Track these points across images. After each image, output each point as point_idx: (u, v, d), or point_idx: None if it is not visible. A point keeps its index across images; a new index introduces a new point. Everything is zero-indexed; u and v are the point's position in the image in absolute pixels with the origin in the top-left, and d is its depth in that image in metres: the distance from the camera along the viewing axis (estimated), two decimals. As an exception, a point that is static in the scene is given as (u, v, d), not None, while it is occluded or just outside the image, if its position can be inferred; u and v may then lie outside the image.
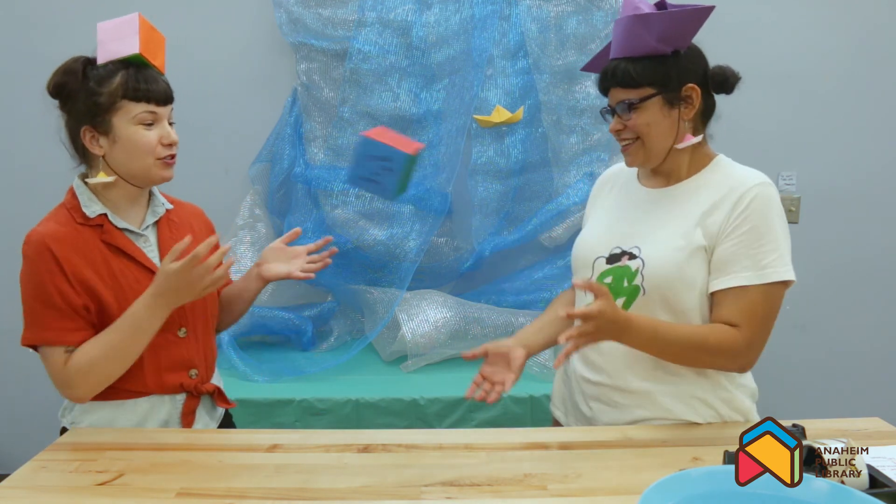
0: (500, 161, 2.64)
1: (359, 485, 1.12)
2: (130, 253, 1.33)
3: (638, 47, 1.27)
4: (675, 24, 1.25)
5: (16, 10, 2.72)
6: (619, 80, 1.29)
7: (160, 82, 1.32)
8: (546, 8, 2.63)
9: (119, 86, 1.27)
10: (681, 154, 1.34)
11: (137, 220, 1.38)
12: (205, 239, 1.48)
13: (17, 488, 1.12)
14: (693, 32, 1.28)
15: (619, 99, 1.30)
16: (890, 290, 2.96)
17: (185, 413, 1.40)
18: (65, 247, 1.26)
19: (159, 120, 1.32)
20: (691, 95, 1.29)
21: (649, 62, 1.27)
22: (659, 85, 1.28)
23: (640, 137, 1.31)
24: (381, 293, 2.55)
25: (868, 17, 2.80)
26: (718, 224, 1.27)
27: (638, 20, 1.25)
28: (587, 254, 1.42)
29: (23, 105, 2.67)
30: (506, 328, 2.51)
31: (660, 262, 1.29)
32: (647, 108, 1.29)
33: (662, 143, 1.31)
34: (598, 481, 1.12)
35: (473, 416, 2.20)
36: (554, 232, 2.68)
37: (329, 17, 2.63)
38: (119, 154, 1.30)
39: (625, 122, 1.31)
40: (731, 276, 1.25)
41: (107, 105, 1.27)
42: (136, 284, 1.31)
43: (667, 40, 1.26)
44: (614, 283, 1.34)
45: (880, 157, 2.88)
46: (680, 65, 1.28)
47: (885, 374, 2.99)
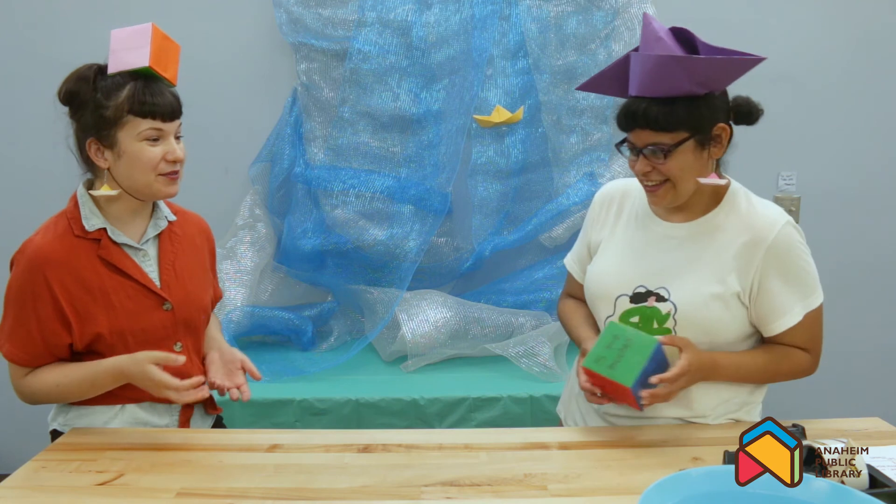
0: (500, 161, 2.64)
1: (359, 485, 1.12)
2: (126, 270, 1.32)
3: (671, 89, 1.19)
4: (721, 71, 1.20)
5: (16, 11, 2.72)
6: (651, 123, 1.22)
7: (168, 96, 1.29)
8: (546, 8, 2.63)
9: (125, 100, 1.25)
10: (701, 189, 1.30)
11: (138, 234, 1.37)
12: (204, 254, 1.49)
13: (17, 488, 1.13)
14: (734, 79, 1.23)
15: (649, 142, 1.24)
16: (890, 290, 2.96)
17: (182, 422, 1.41)
18: (58, 267, 1.26)
19: (165, 136, 1.30)
20: (721, 135, 1.26)
21: (683, 105, 1.20)
22: (693, 129, 1.22)
23: (669, 180, 1.26)
24: (381, 293, 2.55)
25: (868, 17, 2.80)
26: (753, 274, 1.28)
27: (676, 62, 1.17)
28: (607, 290, 1.38)
29: (23, 105, 2.67)
30: (506, 328, 2.51)
31: (693, 308, 1.29)
32: (682, 153, 1.23)
33: (692, 186, 1.28)
34: (598, 481, 1.12)
35: (473, 416, 2.20)
36: (554, 232, 2.67)
37: (329, 17, 2.62)
38: (123, 168, 1.29)
39: (655, 164, 1.25)
40: (788, 316, 1.30)
41: (113, 119, 1.25)
42: (127, 302, 1.31)
43: (705, 84, 1.20)
44: (641, 323, 1.33)
45: (880, 157, 2.88)
46: (711, 105, 1.23)
47: (885, 374, 2.99)
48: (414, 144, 2.65)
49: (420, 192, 2.59)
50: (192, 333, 1.42)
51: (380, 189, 2.58)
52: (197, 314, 1.42)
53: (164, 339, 1.34)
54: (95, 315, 1.28)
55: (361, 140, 2.64)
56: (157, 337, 1.33)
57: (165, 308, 1.35)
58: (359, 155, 2.65)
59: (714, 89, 1.23)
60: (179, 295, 1.37)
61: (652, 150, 1.24)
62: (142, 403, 1.37)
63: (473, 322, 2.47)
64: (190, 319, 1.39)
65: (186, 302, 1.38)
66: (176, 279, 1.38)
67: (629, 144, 1.29)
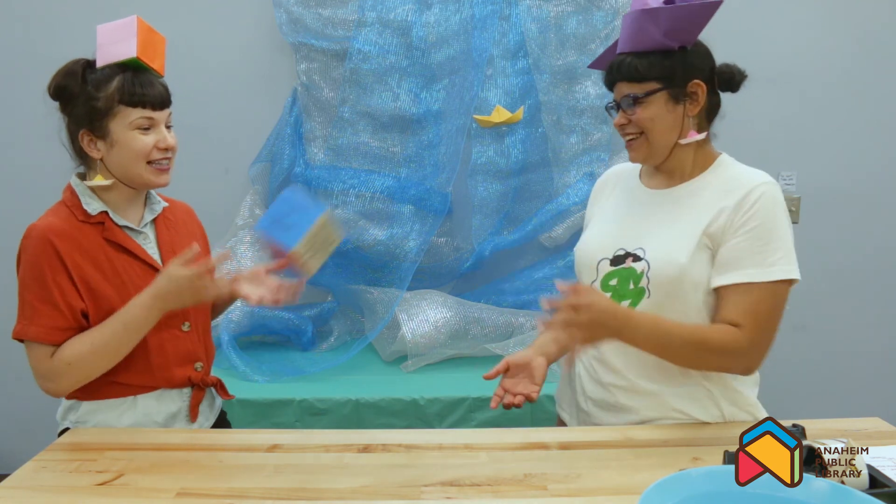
0: (500, 161, 2.64)
1: (359, 485, 1.12)
2: (132, 250, 1.34)
3: (644, 42, 1.27)
4: (683, 19, 1.25)
5: (16, 11, 2.72)
6: (625, 74, 1.29)
7: (157, 86, 1.32)
8: (546, 8, 2.63)
9: (116, 90, 1.27)
10: (684, 152, 1.33)
11: (136, 218, 1.40)
12: (199, 238, 1.51)
13: (17, 488, 1.12)
14: (700, 28, 1.28)
15: (625, 93, 1.30)
16: (890, 289, 2.96)
17: (193, 406, 1.43)
18: (67, 243, 1.27)
19: (156, 125, 1.32)
20: (696, 92, 1.29)
21: (655, 57, 1.27)
22: (664, 80, 1.28)
23: (644, 132, 1.31)
24: (381, 293, 2.55)
25: (868, 17, 2.80)
26: (723, 222, 1.26)
27: (645, 14, 1.25)
28: (590, 256, 1.41)
29: (22, 105, 2.67)
30: (506, 328, 2.51)
31: (664, 264, 1.28)
32: (652, 103, 1.28)
33: (666, 139, 1.31)
34: (598, 481, 1.12)
35: (473, 416, 2.20)
36: (554, 232, 2.68)
37: (329, 17, 2.63)
38: (116, 158, 1.31)
39: (629, 116, 1.31)
40: (737, 272, 1.24)
41: (104, 110, 1.28)
42: (138, 280, 1.33)
43: (674, 35, 1.26)
44: (619, 285, 1.34)
45: (880, 157, 2.88)
46: (686, 61, 1.28)
47: (885, 374, 2.99)
48: (414, 144, 2.65)
49: (420, 192, 2.59)
50: (198, 313, 1.44)
51: (380, 189, 2.58)
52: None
53: (173, 318, 1.37)
54: (107, 292, 1.29)
55: (361, 140, 2.64)
56: (166, 315, 1.35)
57: None
58: (359, 155, 2.65)
59: (684, 42, 1.28)
60: None
61: (626, 100, 1.30)
62: (153, 392, 1.38)
63: (473, 322, 2.47)
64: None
65: None
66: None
67: (613, 103, 1.35)
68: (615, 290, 1.34)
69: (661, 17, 1.24)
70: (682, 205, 1.33)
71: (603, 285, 1.37)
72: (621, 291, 1.33)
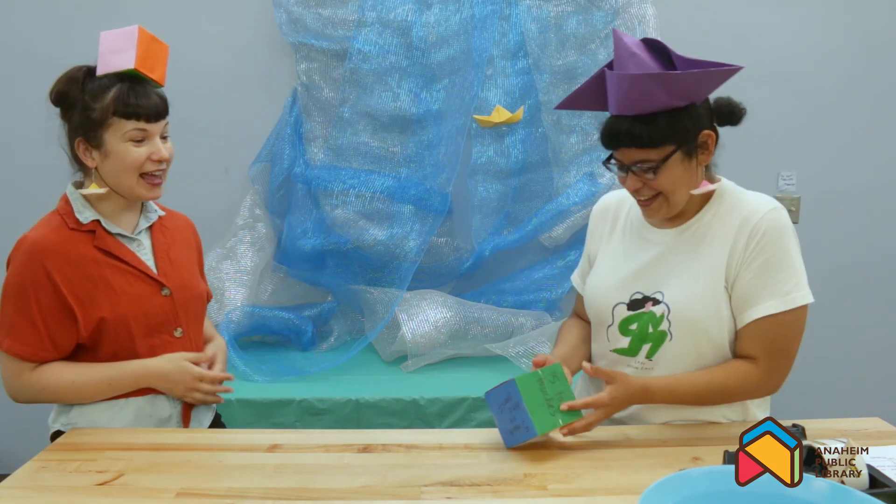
0: (500, 161, 2.64)
1: (359, 485, 1.12)
2: (124, 257, 1.35)
3: (651, 105, 1.18)
4: (697, 84, 1.19)
5: (16, 11, 2.72)
6: (636, 141, 1.21)
7: (153, 98, 1.32)
8: (546, 8, 2.63)
9: (111, 102, 1.28)
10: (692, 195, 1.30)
11: (131, 226, 1.40)
12: (195, 251, 1.53)
13: (17, 488, 1.13)
14: (713, 89, 1.23)
15: (636, 159, 1.23)
16: (890, 290, 2.96)
17: (185, 411, 1.42)
18: (55, 258, 1.28)
19: (150, 136, 1.32)
20: (707, 142, 1.26)
21: (665, 120, 1.20)
22: (678, 141, 1.22)
23: (661, 194, 1.27)
24: (381, 293, 2.55)
25: (868, 17, 2.80)
26: (736, 259, 1.26)
27: (652, 80, 1.16)
28: (605, 301, 1.39)
29: (22, 105, 2.66)
30: (506, 328, 2.51)
31: (685, 306, 1.28)
32: (670, 166, 1.23)
33: (685, 196, 1.28)
34: (598, 481, 1.12)
35: (473, 416, 2.20)
36: (554, 232, 2.67)
37: (329, 17, 2.62)
38: (109, 168, 1.32)
39: (644, 180, 1.26)
40: (755, 307, 1.25)
41: (99, 120, 1.29)
42: (128, 287, 1.33)
43: (684, 97, 1.20)
44: (639, 329, 1.33)
45: (880, 157, 2.88)
46: (694, 115, 1.22)
47: (885, 374, 2.99)
48: (414, 144, 2.65)
49: (420, 192, 2.59)
50: (191, 320, 1.44)
51: (380, 189, 2.58)
52: (194, 301, 1.45)
53: (165, 324, 1.38)
54: (98, 300, 1.30)
55: (361, 140, 2.64)
56: (158, 321, 1.36)
57: (164, 293, 1.38)
58: (359, 155, 2.65)
59: (694, 100, 1.22)
60: (177, 281, 1.41)
61: (640, 167, 1.24)
62: (145, 396, 1.38)
63: (473, 322, 2.47)
64: (188, 305, 1.43)
65: (184, 288, 1.42)
66: (172, 267, 1.42)
67: (617, 163, 1.28)
68: (636, 334, 1.33)
69: (673, 81, 1.16)
70: (695, 244, 1.31)
71: (621, 329, 1.36)
72: (642, 336, 1.32)
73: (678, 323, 1.29)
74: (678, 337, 1.29)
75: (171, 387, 1.36)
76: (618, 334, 1.37)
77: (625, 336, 1.36)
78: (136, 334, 1.33)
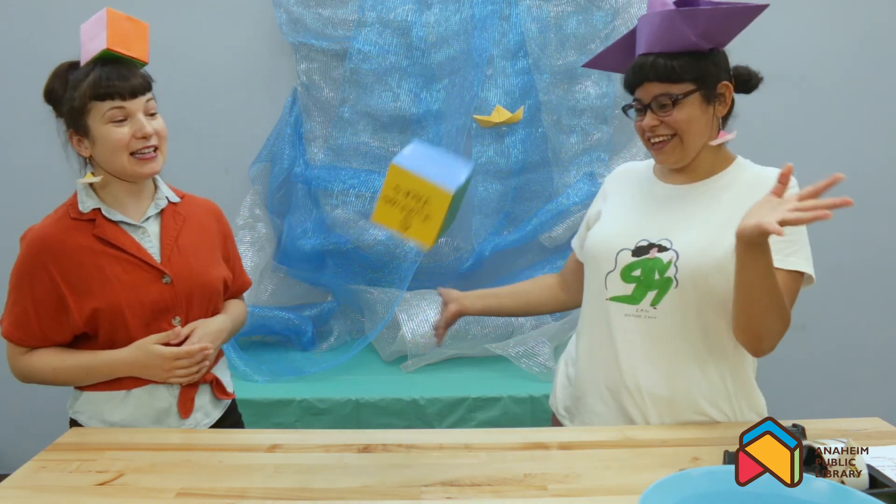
0: (500, 161, 2.64)
1: (359, 485, 1.12)
2: (122, 245, 1.34)
3: (677, 42, 1.23)
4: (722, 22, 1.23)
5: (16, 11, 2.72)
6: (660, 74, 1.25)
7: (128, 76, 1.30)
8: (546, 8, 2.63)
9: (87, 87, 1.28)
10: (707, 152, 1.32)
11: (138, 213, 1.40)
12: (213, 236, 1.50)
13: (17, 488, 1.13)
14: (739, 31, 1.26)
15: (656, 94, 1.26)
16: (890, 289, 2.96)
17: (183, 401, 1.41)
18: (52, 251, 1.30)
19: (131, 114, 1.31)
20: (724, 93, 1.29)
21: (689, 58, 1.24)
22: (699, 81, 1.25)
23: (676, 134, 1.28)
24: (381, 293, 2.55)
25: (869, 17, 2.80)
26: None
27: (681, 14, 1.21)
28: (609, 246, 1.37)
29: (22, 105, 2.66)
30: (506, 328, 2.51)
31: (694, 254, 1.27)
32: (688, 104, 1.26)
33: (699, 140, 1.30)
34: (598, 481, 1.12)
35: (473, 416, 2.20)
36: (554, 232, 2.67)
37: (329, 17, 2.63)
38: (100, 153, 1.32)
39: (662, 118, 1.27)
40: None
41: (80, 108, 1.29)
42: (123, 275, 1.33)
43: (709, 37, 1.24)
44: (643, 275, 1.32)
45: (880, 157, 2.88)
46: (716, 62, 1.27)
47: (885, 374, 2.99)
48: (414, 144, 2.65)
49: (420, 192, 2.58)
50: (193, 308, 1.42)
51: (380, 189, 2.58)
52: (200, 289, 1.42)
53: (162, 312, 1.37)
54: (92, 289, 1.31)
55: (361, 140, 2.64)
56: (155, 310, 1.36)
57: (165, 281, 1.37)
58: (359, 155, 2.65)
59: (719, 43, 1.26)
60: (181, 269, 1.39)
61: (659, 101, 1.26)
62: (145, 387, 1.38)
63: (473, 322, 2.47)
64: (191, 294, 1.40)
65: (188, 276, 1.40)
66: (179, 254, 1.40)
67: (636, 103, 1.31)
68: (639, 280, 1.32)
69: (700, 18, 1.21)
70: (707, 199, 1.32)
71: (623, 276, 1.34)
72: (647, 282, 1.31)
73: (685, 271, 1.27)
74: (684, 285, 1.28)
75: (150, 373, 1.34)
76: (618, 280, 1.35)
77: (627, 283, 1.34)
78: (132, 323, 1.33)
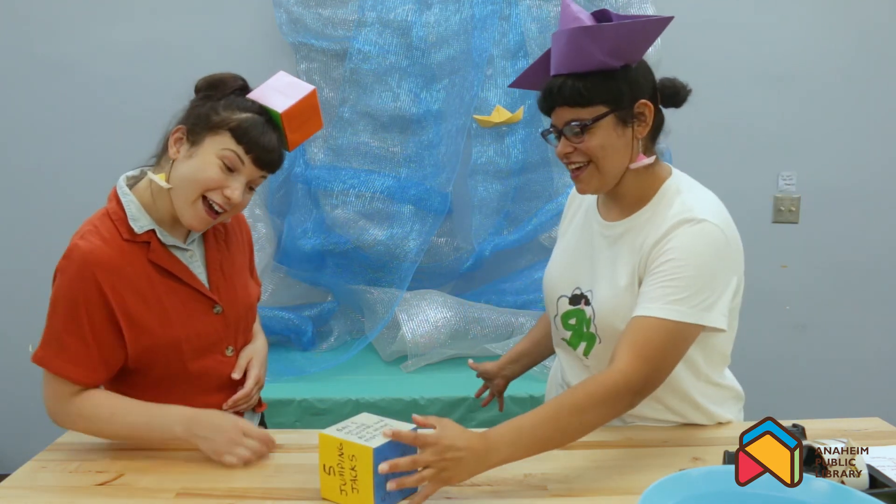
0: (500, 161, 2.64)
1: (359, 485, 1.12)
2: (177, 273, 1.25)
3: (586, 62, 1.14)
4: (629, 37, 1.14)
5: (16, 11, 2.72)
6: (567, 98, 1.16)
7: (274, 149, 1.23)
8: (546, 8, 2.63)
9: (239, 120, 1.20)
10: (633, 176, 1.22)
11: (183, 233, 1.29)
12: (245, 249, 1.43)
13: (17, 488, 1.13)
14: (647, 46, 1.18)
15: (568, 119, 1.18)
16: (890, 290, 2.96)
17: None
18: (109, 273, 1.17)
19: (240, 173, 1.20)
20: (644, 112, 1.18)
21: (599, 78, 1.15)
22: (611, 102, 1.16)
23: (592, 161, 1.19)
24: (381, 293, 2.55)
25: (868, 17, 2.80)
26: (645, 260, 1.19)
27: (585, 32, 1.12)
28: (552, 291, 1.38)
29: (22, 105, 2.66)
30: (506, 328, 2.51)
31: (607, 313, 1.24)
32: (600, 129, 1.16)
33: (617, 166, 1.20)
34: (598, 481, 1.12)
35: (473, 416, 2.20)
36: (554, 232, 2.67)
37: (329, 17, 2.63)
38: (184, 168, 1.20)
39: (575, 144, 1.19)
40: (640, 306, 1.14)
41: (214, 124, 1.20)
42: (180, 307, 1.25)
43: (617, 54, 1.14)
44: (577, 325, 1.32)
45: (880, 157, 2.88)
46: (631, 80, 1.17)
47: (885, 374, 2.99)
48: (414, 144, 2.65)
49: (420, 192, 2.59)
50: (240, 334, 1.36)
51: (380, 189, 2.58)
52: (245, 314, 1.37)
53: (216, 344, 1.30)
54: (149, 325, 1.21)
55: (361, 140, 2.64)
56: (209, 342, 1.28)
57: (216, 311, 1.29)
58: (359, 155, 2.65)
59: (629, 60, 1.16)
60: (229, 296, 1.32)
61: (571, 127, 1.17)
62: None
63: (473, 322, 2.47)
64: (240, 321, 1.34)
65: (235, 303, 1.33)
66: (224, 280, 1.32)
67: (552, 128, 1.23)
68: (575, 329, 1.32)
69: (604, 35, 1.12)
70: (627, 241, 1.24)
71: (563, 322, 1.35)
72: (579, 332, 1.31)
73: (602, 327, 1.26)
74: (606, 341, 1.26)
75: (209, 445, 1.19)
76: (560, 325, 1.35)
77: (567, 330, 1.34)
78: (188, 357, 1.25)
